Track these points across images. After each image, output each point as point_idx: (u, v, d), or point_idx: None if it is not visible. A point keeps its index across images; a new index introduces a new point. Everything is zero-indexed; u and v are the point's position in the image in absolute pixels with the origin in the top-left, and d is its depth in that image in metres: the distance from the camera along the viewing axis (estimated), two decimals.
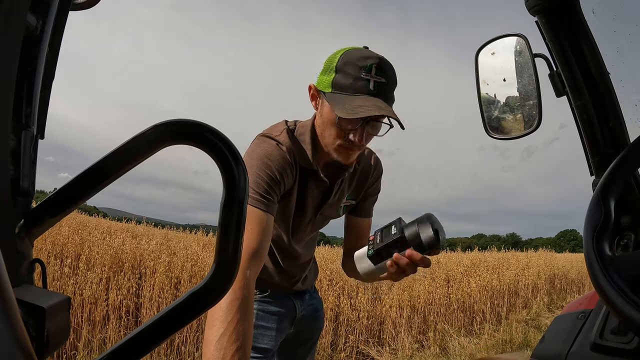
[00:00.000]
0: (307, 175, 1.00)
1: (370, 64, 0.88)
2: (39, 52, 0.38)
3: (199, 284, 0.32)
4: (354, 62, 0.89)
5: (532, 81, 0.85)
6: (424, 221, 0.81)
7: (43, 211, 0.35)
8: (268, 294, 1.16)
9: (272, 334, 1.14)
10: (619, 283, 0.58)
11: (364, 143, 0.92)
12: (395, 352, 4.41)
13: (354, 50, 0.92)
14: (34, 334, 0.30)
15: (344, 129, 0.91)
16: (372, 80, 0.88)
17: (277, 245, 1.13)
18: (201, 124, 0.33)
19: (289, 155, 0.95)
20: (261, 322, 1.13)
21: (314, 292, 1.35)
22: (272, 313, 1.16)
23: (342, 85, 0.89)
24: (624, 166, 0.68)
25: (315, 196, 1.06)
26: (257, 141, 0.97)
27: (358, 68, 0.88)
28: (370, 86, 0.88)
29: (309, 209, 1.07)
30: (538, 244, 36.70)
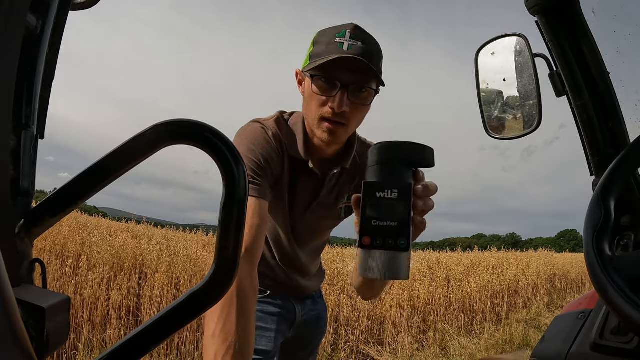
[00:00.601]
0: (298, 166, 0.95)
1: (344, 30, 0.83)
2: (39, 52, 0.38)
3: (199, 284, 0.32)
4: (329, 32, 0.85)
5: (532, 81, 0.85)
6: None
7: (43, 211, 0.35)
8: (268, 294, 1.14)
9: (271, 335, 1.10)
10: (619, 283, 0.58)
11: (345, 110, 0.83)
12: (395, 352, 4.41)
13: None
14: (34, 334, 0.30)
15: (321, 96, 0.84)
16: (346, 42, 0.82)
17: (276, 244, 1.10)
18: (201, 124, 0.33)
19: (275, 141, 0.91)
20: (260, 323, 1.09)
21: (318, 297, 1.30)
22: (272, 314, 1.13)
23: (316, 53, 0.85)
24: (624, 166, 0.68)
25: (307, 190, 1.00)
26: (243, 126, 0.94)
27: (332, 35, 0.84)
28: (343, 47, 0.82)
29: (301, 203, 1.01)
30: (538, 244, 36.72)
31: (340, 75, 0.82)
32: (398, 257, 0.47)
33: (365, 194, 0.48)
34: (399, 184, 0.48)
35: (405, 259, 0.48)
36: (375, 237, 0.47)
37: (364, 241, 0.48)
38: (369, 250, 0.48)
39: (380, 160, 0.49)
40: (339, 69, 0.82)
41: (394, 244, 0.47)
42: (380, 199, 0.47)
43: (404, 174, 0.49)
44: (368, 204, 0.48)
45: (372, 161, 0.50)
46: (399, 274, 0.47)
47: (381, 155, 0.49)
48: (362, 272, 0.48)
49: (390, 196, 0.47)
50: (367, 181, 0.49)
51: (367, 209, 0.48)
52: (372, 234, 0.47)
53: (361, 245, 0.48)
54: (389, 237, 0.47)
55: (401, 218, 0.47)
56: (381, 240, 0.47)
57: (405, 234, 0.47)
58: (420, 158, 0.50)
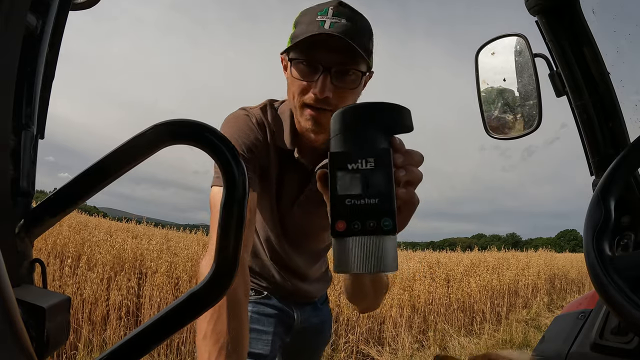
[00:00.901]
0: (286, 157, 0.89)
1: (327, 8, 0.77)
2: (39, 52, 0.38)
3: (198, 284, 0.32)
4: (312, 11, 0.79)
5: (532, 81, 0.85)
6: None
7: (43, 211, 0.35)
8: (264, 295, 1.09)
9: (268, 338, 1.04)
10: (619, 283, 0.58)
11: (328, 95, 0.76)
12: (395, 352, 4.41)
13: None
14: (34, 334, 0.30)
15: (302, 81, 0.77)
16: (328, 20, 0.75)
17: (267, 242, 1.04)
18: (201, 124, 0.33)
19: (259, 129, 0.86)
20: (256, 326, 1.03)
21: (321, 303, 1.22)
22: (269, 316, 1.07)
23: (296, 34, 0.78)
24: (624, 166, 0.68)
25: (294, 183, 0.92)
26: (229, 114, 0.89)
27: (314, 14, 0.77)
28: (325, 26, 0.75)
29: (288, 197, 0.95)
30: (538, 244, 36.72)
31: (322, 56, 0.76)
32: (382, 242, 0.37)
33: (333, 167, 0.39)
34: (375, 151, 0.39)
35: (392, 244, 0.38)
36: (352, 220, 0.37)
37: (337, 227, 0.37)
38: (345, 239, 0.38)
39: (347, 127, 0.40)
40: (320, 50, 0.75)
41: (376, 226, 0.37)
42: (353, 172, 0.38)
43: (378, 139, 0.40)
44: (338, 179, 0.38)
45: (337, 129, 0.41)
46: (386, 264, 0.37)
47: (347, 120, 0.40)
48: (340, 266, 0.38)
49: (365, 166, 0.38)
50: (334, 151, 0.39)
51: (337, 185, 0.38)
52: (347, 216, 0.37)
53: (335, 233, 0.38)
54: (369, 218, 0.37)
55: (382, 192, 0.37)
56: (359, 222, 0.37)
57: (389, 212, 0.37)
58: (396, 121, 0.41)
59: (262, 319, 1.06)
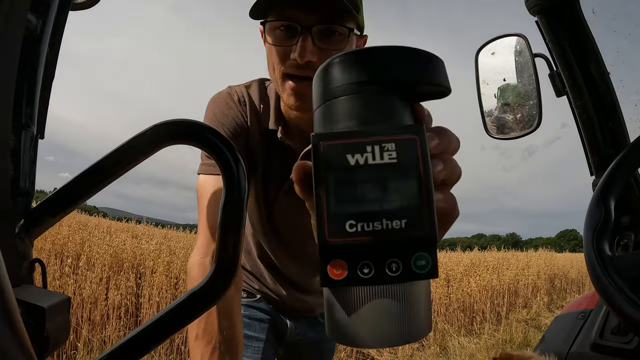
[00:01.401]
0: (271, 139, 0.79)
1: None
2: (39, 52, 0.38)
3: (198, 284, 0.32)
4: None
5: (532, 81, 0.85)
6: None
7: (43, 211, 0.35)
8: (257, 299, 1.00)
9: (259, 345, 0.96)
10: (619, 283, 0.58)
11: (311, 60, 0.65)
12: (395, 351, 4.41)
13: None
14: (34, 334, 0.30)
15: (280, 46, 0.67)
16: None
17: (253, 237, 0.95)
18: (201, 124, 0.33)
19: (240, 108, 0.78)
20: (246, 331, 0.95)
21: (323, 318, 1.07)
22: (260, 320, 0.98)
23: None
24: (624, 166, 0.68)
25: (281, 167, 0.80)
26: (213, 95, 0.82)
27: None
28: None
29: (274, 184, 0.83)
30: (538, 244, 36.74)
31: (300, 16, 0.65)
32: (413, 293, 0.22)
33: (319, 162, 0.21)
34: (400, 129, 0.21)
35: (427, 296, 0.24)
36: (358, 259, 0.21)
37: (332, 272, 0.21)
38: (345, 290, 0.22)
39: (341, 88, 0.23)
40: (297, 8, 0.65)
41: (403, 269, 0.20)
42: (359, 170, 0.21)
43: (399, 107, 0.23)
44: (332, 184, 0.21)
45: (322, 93, 0.24)
46: (417, 329, 0.22)
47: (341, 75, 0.23)
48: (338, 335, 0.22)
49: (383, 159, 0.21)
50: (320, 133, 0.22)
51: (330, 196, 0.21)
52: (349, 252, 0.21)
53: (327, 281, 0.21)
54: (390, 255, 0.21)
55: (413, 205, 0.20)
56: (372, 264, 0.21)
57: (427, 241, 0.20)
58: (427, 77, 0.23)
59: (253, 324, 0.98)
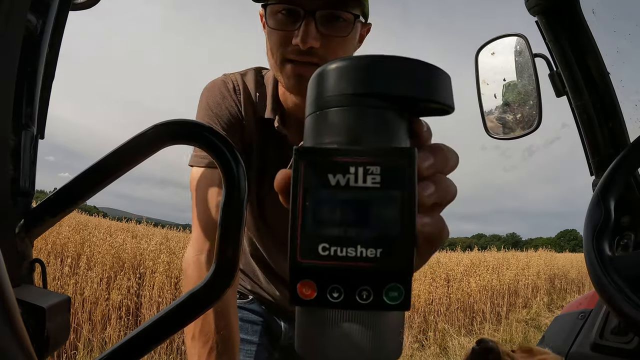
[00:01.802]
0: (268, 129, 0.77)
1: None
2: (39, 52, 0.38)
3: (199, 284, 0.32)
4: None
5: (532, 81, 0.85)
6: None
7: (43, 211, 0.35)
8: (250, 299, 0.97)
9: (252, 349, 0.92)
10: (619, 283, 0.58)
11: (313, 45, 0.63)
12: None
13: None
14: (34, 334, 0.30)
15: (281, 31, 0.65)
16: None
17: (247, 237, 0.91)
18: (201, 124, 0.34)
19: (235, 96, 0.76)
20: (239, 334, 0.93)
21: None
22: (254, 323, 0.95)
23: None
24: (624, 166, 0.68)
25: (278, 159, 0.78)
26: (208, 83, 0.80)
27: None
28: None
29: (269, 176, 0.78)
30: (538, 244, 36.75)
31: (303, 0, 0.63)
32: (382, 323, 0.21)
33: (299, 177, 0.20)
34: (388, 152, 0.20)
35: (398, 324, 0.22)
36: (328, 283, 0.20)
37: (302, 292, 0.20)
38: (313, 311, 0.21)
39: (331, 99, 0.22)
40: None
41: (373, 298, 0.20)
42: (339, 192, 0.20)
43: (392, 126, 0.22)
44: (309, 202, 0.20)
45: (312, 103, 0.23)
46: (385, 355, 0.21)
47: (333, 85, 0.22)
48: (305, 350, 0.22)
49: (365, 182, 0.20)
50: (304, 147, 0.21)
51: (306, 215, 0.20)
52: (319, 275, 0.20)
53: (295, 300, 0.20)
54: (361, 282, 0.20)
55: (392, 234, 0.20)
56: (342, 288, 0.20)
57: (402, 273, 0.20)
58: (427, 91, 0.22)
59: (245, 326, 0.94)
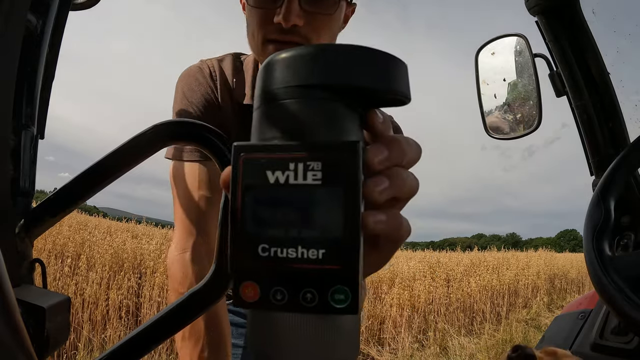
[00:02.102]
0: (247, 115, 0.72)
1: None
2: (39, 52, 0.38)
3: (199, 284, 0.32)
4: None
5: (532, 81, 0.85)
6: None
7: (43, 211, 0.35)
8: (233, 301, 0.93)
9: (238, 352, 0.89)
10: (618, 283, 0.58)
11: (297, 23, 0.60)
12: (395, 351, 4.41)
13: None
14: (34, 334, 0.30)
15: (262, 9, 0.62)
16: None
17: None
18: (201, 124, 0.33)
19: (210, 82, 0.73)
20: None
21: None
22: (239, 326, 0.92)
23: None
24: (624, 166, 0.68)
25: None
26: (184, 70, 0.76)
27: None
28: None
29: None
30: (538, 244, 36.75)
31: None
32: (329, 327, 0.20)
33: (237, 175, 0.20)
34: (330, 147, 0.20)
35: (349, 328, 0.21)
36: (271, 284, 0.20)
37: (244, 293, 0.20)
38: (257, 313, 0.21)
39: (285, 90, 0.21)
40: None
41: (319, 300, 0.19)
42: (279, 190, 0.20)
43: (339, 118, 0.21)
44: (248, 201, 0.20)
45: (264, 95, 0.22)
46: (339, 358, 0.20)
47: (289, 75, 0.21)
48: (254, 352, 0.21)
49: (306, 179, 0.19)
50: (245, 143, 0.21)
51: (245, 214, 0.20)
52: (261, 276, 0.20)
53: (239, 302, 0.20)
54: (304, 285, 0.19)
55: (336, 233, 0.19)
56: (285, 290, 0.19)
57: (347, 275, 0.19)
58: (379, 82, 0.21)
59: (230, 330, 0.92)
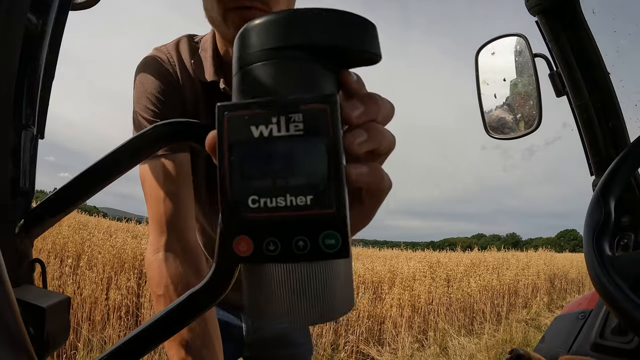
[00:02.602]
0: (213, 93, 0.71)
1: None
2: (39, 52, 0.38)
3: (199, 284, 0.32)
4: None
5: (532, 81, 0.86)
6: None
7: (43, 211, 0.35)
8: None
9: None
10: (619, 283, 0.58)
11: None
12: (395, 351, 4.40)
13: None
14: (34, 334, 0.30)
15: None
16: None
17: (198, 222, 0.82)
18: (201, 124, 0.33)
19: (169, 67, 0.70)
20: None
21: None
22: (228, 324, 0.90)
23: None
24: (624, 166, 0.68)
25: None
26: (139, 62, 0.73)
27: None
28: None
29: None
30: (538, 244, 36.75)
31: None
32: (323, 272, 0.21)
33: (223, 133, 0.21)
34: (309, 100, 0.21)
35: (343, 272, 0.22)
36: (263, 236, 0.20)
37: (237, 248, 0.21)
38: (252, 267, 0.22)
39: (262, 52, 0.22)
40: None
41: (311, 246, 0.20)
42: (263, 143, 0.21)
43: (315, 75, 0.23)
44: (235, 157, 0.21)
45: (238, 59, 0.23)
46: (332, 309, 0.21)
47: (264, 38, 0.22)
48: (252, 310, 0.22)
49: (288, 131, 0.20)
50: (227, 104, 0.21)
51: (232, 170, 0.21)
52: (253, 228, 0.20)
53: (233, 257, 0.21)
54: (295, 233, 0.20)
55: (319, 181, 0.20)
56: (277, 240, 0.20)
57: (336, 219, 0.20)
58: (351, 41, 0.23)
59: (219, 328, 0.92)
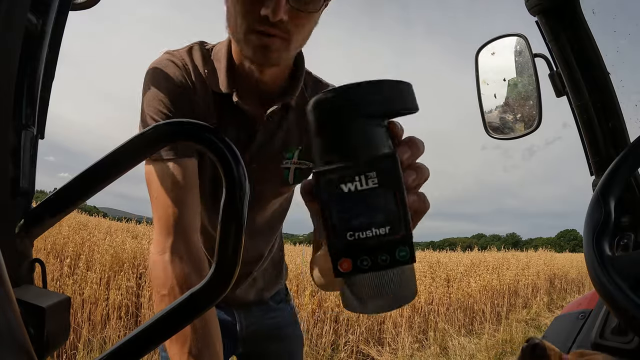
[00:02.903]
0: (225, 104, 0.73)
1: None
2: (39, 52, 0.38)
3: (199, 284, 0.32)
4: None
5: (532, 81, 0.86)
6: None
7: (43, 211, 0.35)
8: None
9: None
10: (619, 283, 0.58)
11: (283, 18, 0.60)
12: (395, 351, 4.40)
13: None
14: (34, 334, 0.30)
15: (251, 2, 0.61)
16: None
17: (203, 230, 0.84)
18: (201, 124, 0.33)
19: (184, 74, 0.72)
20: None
21: (278, 302, 1.00)
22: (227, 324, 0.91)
23: None
24: (624, 166, 0.68)
25: (238, 136, 0.75)
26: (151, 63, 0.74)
27: None
28: None
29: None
30: (538, 244, 36.77)
31: None
32: (399, 275, 0.30)
33: (322, 191, 0.29)
34: (378, 160, 0.29)
35: (411, 273, 0.31)
36: (359, 257, 0.29)
37: (341, 267, 0.29)
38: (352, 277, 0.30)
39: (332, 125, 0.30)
40: None
41: (390, 260, 0.29)
42: (351, 195, 0.28)
43: (377, 137, 0.30)
44: (333, 207, 0.29)
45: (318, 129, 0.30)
46: (405, 296, 0.31)
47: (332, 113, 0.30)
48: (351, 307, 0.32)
49: (367, 185, 0.28)
50: (321, 170, 0.29)
51: (333, 215, 0.29)
52: (352, 253, 0.29)
53: (339, 274, 0.29)
54: (380, 252, 0.29)
55: (393, 217, 0.28)
56: (368, 259, 0.29)
57: (405, 240, 0.29)
58: (395, 101, 0.30)
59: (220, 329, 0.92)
